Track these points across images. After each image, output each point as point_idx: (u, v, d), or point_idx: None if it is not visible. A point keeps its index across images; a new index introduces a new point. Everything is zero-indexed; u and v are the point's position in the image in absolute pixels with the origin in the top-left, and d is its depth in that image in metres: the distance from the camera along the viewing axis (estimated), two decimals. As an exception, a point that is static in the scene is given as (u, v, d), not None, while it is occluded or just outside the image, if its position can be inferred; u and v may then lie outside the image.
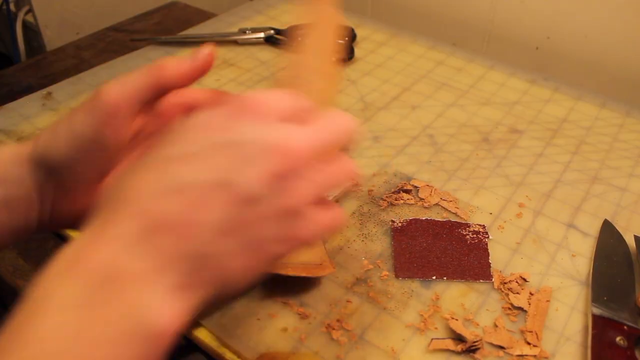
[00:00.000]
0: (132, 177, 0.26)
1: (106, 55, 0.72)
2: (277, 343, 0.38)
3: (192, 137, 0.26)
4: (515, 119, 0.61)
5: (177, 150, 0.26)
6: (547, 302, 0.41)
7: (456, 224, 0.47)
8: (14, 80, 0.68)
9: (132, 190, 0.26)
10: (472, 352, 0.38)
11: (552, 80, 0.67)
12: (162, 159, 0.26)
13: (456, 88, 0.65)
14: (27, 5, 0.90)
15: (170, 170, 0.26)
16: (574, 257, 0.45)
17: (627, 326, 0.39)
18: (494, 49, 0.81)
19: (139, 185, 0.26)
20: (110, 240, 0.24)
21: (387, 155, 0.55)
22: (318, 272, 0.41)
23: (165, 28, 0.80)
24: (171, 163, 0.26)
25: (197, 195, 0.25)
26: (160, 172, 0.26)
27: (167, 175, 0.26)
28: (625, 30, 0.69)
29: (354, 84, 0.65)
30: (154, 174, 0.26)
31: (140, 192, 0.25)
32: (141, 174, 0.26)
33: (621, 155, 0.56)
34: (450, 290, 0.42)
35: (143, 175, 0.26)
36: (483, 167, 0.54)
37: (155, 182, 0.25)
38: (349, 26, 0.73)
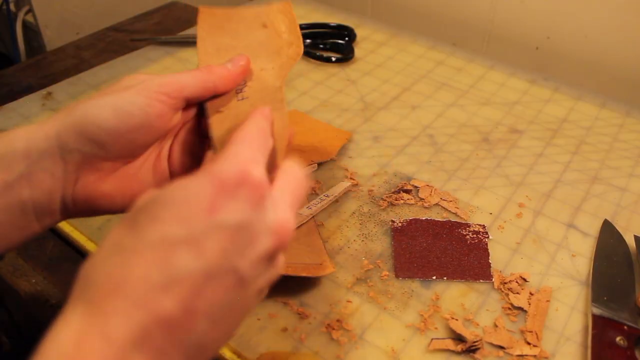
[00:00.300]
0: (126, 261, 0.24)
1: (106, 55, 0.72)
2: (277, 343, 0.38)
3: (191, 215, 0.25)
4: (515, 119, 0.61)
5: (177, 232, 0.25)
6: (547, 302, 0.41)
7: (456, 224, 0.47)
8: (14, 80, 0.68)
9: (127, 279, 0.24)
10: (472, 352, 0.38)
11: (552, 80, 0.67)
12: (160, 243, 0.24)
13: (456, 88, 0.65)
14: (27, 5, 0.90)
15: (171, 259, 0.24)
16: (574, 257, 0.45)
17: (627, 326, 0.39)
18: (494, 49, 0.81)
19: (136, 274, 0.24)
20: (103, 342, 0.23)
21: (387, 155, 0.55)
22: (318, 272, 0.41)
23: (165, 28, 0.80)
24: (171, 249, 0.24)
25: (199, 284, 0.24)
26: (159, 260, 0.24)
27: (168, 265, 0.24)
28: (625, 30, 0.69)
29: (354, 84, 0.65)
30: (152, 262, 0.24)
31: (138, 283, 0.24)
32: (137, 258, 0.24)
33: (621, 155, 0.56)
34: (450, 290, 0.42)
35: (139, 260, 0.24)
36: (483, 167, 0.54)
37: (154, 271, 0.24)
38: (349, 26, 0.73)
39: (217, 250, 0.25)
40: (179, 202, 0.25)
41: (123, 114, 0.32)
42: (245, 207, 0.26)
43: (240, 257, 0.26)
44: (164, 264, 0.24)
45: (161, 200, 0.26)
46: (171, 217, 0.25)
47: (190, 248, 0.24)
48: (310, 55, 0.69)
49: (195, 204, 0.25)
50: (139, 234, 0.25)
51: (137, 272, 0.24)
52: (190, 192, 0.26)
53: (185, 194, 0.25)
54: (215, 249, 0.25)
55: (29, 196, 0.31)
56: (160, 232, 0.25)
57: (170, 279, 0.24)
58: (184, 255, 0.24)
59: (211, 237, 0.25)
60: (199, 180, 0.26)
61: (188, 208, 0.25)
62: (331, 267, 0.42)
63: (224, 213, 0.25)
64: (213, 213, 0.25)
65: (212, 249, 0.25)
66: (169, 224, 0.25)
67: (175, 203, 0.25)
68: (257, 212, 0.26)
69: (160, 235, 0.25)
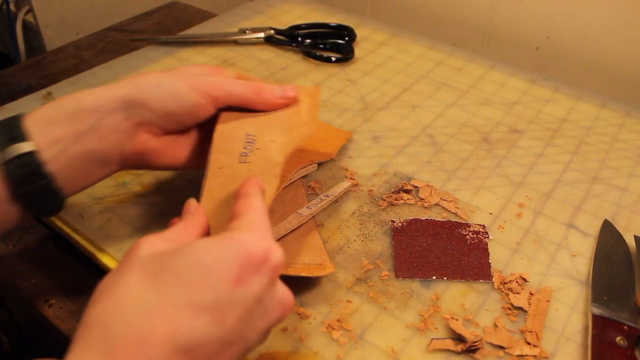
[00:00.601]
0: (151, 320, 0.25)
1: (106, 55, 0.72)
2: (277, 343, 0.38)
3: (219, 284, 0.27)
4: (515, 119, 0.61)
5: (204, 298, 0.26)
6: (547, 302, 0.41)
7: (456, 224, 0.47)
8: (14, 80, 0.68)
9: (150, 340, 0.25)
10: (472, 352, 0.38)
11: (552, 80, 0.67)
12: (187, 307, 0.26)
13: (456, 88, 0.65)
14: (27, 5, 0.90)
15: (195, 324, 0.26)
16: (574, 257, 0.45)
17: (627, 326, 0.39)
18: (494, 49, 0.81)
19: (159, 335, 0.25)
20: None
21: (387, 155, 0.55)
22: (318, 272, 0.41)
23: (165, 28, 0.80)
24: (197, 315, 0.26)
25: (213, 351, 0.26)
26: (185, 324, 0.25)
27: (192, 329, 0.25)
28: (625, 30, 0.69)
29: (354, 84, 0.65)
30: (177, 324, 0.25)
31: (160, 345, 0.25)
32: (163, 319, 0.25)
33: (621, 155, 0.56)
34: (450, 290, 0.42)
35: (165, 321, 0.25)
36: (483, 167, 0.54)
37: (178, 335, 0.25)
38: (349, 26, 0.73)
39: (235, 320, 0.27)
40: (209, 267, 0.27)
41: (177, 100, 0.39)
42: (264, 283, 0.28)
43: (252, 328, 0.28)
44: (189, 328, 0.25)
45: (187, 261, 0.27)
46: (200, 282, 0.26)
47: (215, 316, 0.26)
48: (310, 55, 0.69)
49: (225, 273, 0.27)
50: (166, 294, 0.26)
51: (161, 333, 0.25)
52: (220, 260, 0.27)
53: (215, 261, 0.27)
54: (234, 319, 0.27)
55: (96, 146, 0.37)
56: (188, 296, 0.26)
57: (191, 343, 0.25)
58: (208, 322, 0.26)
59: (233, 307, 0.27)
60: (227, 247, 0.28)
61: (218, 276, 0.27)
62: (331, 267, 0.42)
63: (247, 286, 0.27)
64: (239, 285, 0.27)
65: (232, 319, 0.27)
66: (197, 288, 0.26)
67: (204, 267, 0.27)
68: (271, 288, 0.29)
69: (188, 299, 0.26)
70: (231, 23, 0.77)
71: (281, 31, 0.73)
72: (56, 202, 0.37)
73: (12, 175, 0.34)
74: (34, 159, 0.35)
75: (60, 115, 0.36)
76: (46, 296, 0.43)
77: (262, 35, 0.72)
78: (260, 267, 0.28)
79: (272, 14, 0.79)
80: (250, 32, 0.72)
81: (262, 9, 0.80)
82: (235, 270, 0.27)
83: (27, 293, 0.43)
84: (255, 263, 0.28)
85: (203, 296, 0.26)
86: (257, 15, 0.79)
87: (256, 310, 0.28)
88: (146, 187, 0.49)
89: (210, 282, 0.26)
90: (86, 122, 0.37)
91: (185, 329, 0.25)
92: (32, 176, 0.35)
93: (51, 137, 0.36)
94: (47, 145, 0.35)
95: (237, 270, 0.27)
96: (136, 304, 0.26)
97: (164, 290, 0.26)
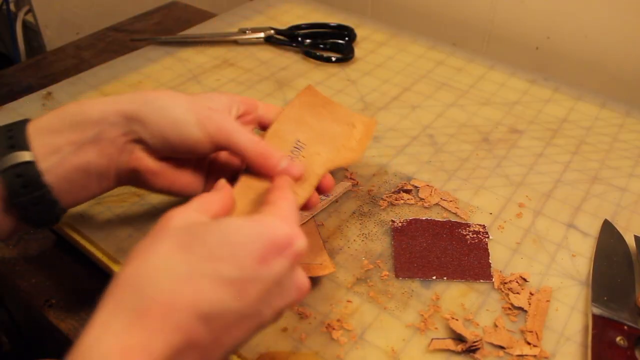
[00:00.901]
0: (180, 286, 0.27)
1: (106, 55, 0.72)
2: (277, 343, 0.38)
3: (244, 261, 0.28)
4: (515, 119, 0.61)
5: (230, 272, 0.28)
6: (547, 302, 0.41)
7: (456, 224, 0.47)
8: (14, 80, 0.68)
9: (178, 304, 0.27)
10: (472, 352, 0.38)
11: (552, 80, 0.67)
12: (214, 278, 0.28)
13: (456, 88, 0.65)
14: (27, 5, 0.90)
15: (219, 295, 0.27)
16: (574, 257, 0.45)
17: (627, 326, 0.39)
18: (494, 49, 0.81)
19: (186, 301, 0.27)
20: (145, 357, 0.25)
21: (387, 155, 0.55)
22: (318, 272, 0.41)
23: (165, 28, 0.80)
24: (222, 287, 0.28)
25: (231, 322, 0.28)
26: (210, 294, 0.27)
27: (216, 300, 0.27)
28: (625, 30, 0.69)
29: (354, 84, 0.65)
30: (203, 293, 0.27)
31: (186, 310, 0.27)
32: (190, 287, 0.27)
33: (621, 155, 0.56)
34: (450, 290, 0.42)
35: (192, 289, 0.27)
36: (483, 167, 0.54)
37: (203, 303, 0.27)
38: (349, 26, 0.73)
39: (255, 296, 0.28)
40: (237, 245, 0.29)
41: (177, 130, 0.38)
42: (285, 266, 0.30)
43: (268, 306, 0.30)
44: (212, 298, 0.27)
45: (219, 237, 0.29)
46: (228, 257, 0.28)
47: (237, 290, 0.28)
48: (310, 55, 0.69)
49: (250, 252, 0.29)
50: (196, 264, 0.28)
51: (188, 299, 0.27)
52: (248, 239, 0.29)
53: (243, 239, 0.29)
54: (253, 295, 0.28)
55: (94, 158, 0.37)
56: (215, 269, 0.28)
57: (212, 311, 0.27)
58: (230, 295, 0.28)
59: (255, 284, 0.28)
60: (256, 228, 0.29)
61: (244, 254, 0.28)
62: (331, 267, 0.42)
63: (270, 267, 0.29)
64: (262, 264, 0.29)
65: (252, 295, 0.28)
66: (225, 263, 0.28)
67: (233, 244, 0.29)
68: (291, 272, 0.31)
69: (215, 272, 0.28)
70: (231, 23, 0.77)
71: (281, 31, 0.73)
72: (53, 213, 0.37)
73: (8, 184, 0.34)
74: (31, 169, 0.35)
75: (63, 125, 0.36)
76: (46, 296, 0.43)
77: (262, 35, 0.72)
78: (283, 250, 0.29)
79: (272, 14, 0.79)
80: (250, 32, 0.72)
81: (262, 9, 0.80)
82: (261, 250, 0.29)
83: (27, 293, 0.43)
84: (279, 246, 0.29)
85: (229, 271, 0.28)
86: (257, 15, 0.79)
87: (274, 290, 0.30)
88: (146, 187, 0.49)
89: (236, 258, 0.28)
90: (87, 133, 0.36)
91: (208, 298, 0.27)
92: (28, 186, 0.35)
93: (51, 146, 0.36)
94: (46, 154, 0.35)
95: (262, 250, 0.29)
96: (167, 271, 0.27)
97: (193, 261, 0.28)
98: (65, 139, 0.36)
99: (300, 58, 0.70)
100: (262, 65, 0.68)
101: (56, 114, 0.37)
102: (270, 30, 0.73)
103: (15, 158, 0.34)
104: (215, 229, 0.29)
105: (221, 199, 0.34)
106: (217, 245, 0.28)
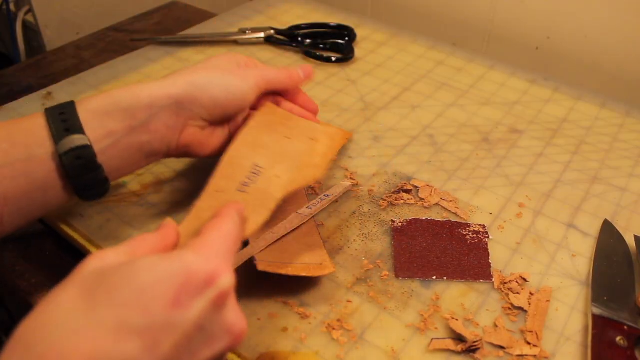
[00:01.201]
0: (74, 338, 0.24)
1: (106, 55, 0.72)
2: (277, 343, 0.38)
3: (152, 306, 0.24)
4: (515, 119, 0.61)
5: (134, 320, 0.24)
6: (547, 302, 0.41)
7: (456, 224, 0.47)
8: (14, 80, 0.68)
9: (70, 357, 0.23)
10: (472, 352, 0.38)
11: (552, 80, 0.67)
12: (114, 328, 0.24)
13: (456, 88, 0.65)
14: (27, 5, 0.90)
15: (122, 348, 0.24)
16: (574, 257, 0.45)
17: (627, 326, 0.39)
18: (494, 49, 0.81)
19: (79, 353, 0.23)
20: None
21: (387, 155, 0.55)
22: (318, 272, 0.41)
23: (165, 28, 0.80)
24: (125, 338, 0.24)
25: None
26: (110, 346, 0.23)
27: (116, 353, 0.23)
28: (625, 30, 0.69)
29: (354, 84, 0.65)
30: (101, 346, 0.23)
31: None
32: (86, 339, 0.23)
33: (621, 155, 0.56)
34: (450, 290, 0.42)
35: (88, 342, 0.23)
36: (483, 167, 0.54)
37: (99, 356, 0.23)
38: (349, 26, 0.73)
39: (170, 347, 0.24)
40: (144, 287, 0.25)
41: (230, 93, 0.42)
42: (206, 308, 0.26)
43: (192, 357, 0.26)
44: (111, 351, 0.23)
45: (125, 279, 0.25)
46: (132, 303, 0.24)
47: (144, 340, 0.24)
48: (310, 55, 0.69)
49: (159, 294, 0.25)
50: (95, 311, 0.24)
51: (82, 353, 0.23)
52: (157, 279, 0.25)
53: (151, 280, 0.25)
54: (168, 346, 0.24)
55: (146, 140, 0.39)
56: (117, 316, 0.24)
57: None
58: (135, 347, 0.24)
59: (168, 333, 0.24)
60: (168, 266, 0.26)
61: (151, 296, 0.25)
62: (331, 267, 0.42)
63: (186, 310, 0.25)
64: (175, 308, 0.25)
65: (166, 345, 0.24)
66: (129, 310, 0.24)
67: (139, 287, 0.25)
68: (217, 314, 0.27)
69: (117, 320, 0.24)
70: (231, 23, 0.77)
71: (281, 31, 0.73)
72: (103, 188, 0.40)
73: (67, 166, 0.36)
74: (88, 152, 0.37)
75: (114, 109, 0.38)
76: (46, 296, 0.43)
77: (262, 35, 0.72)
78: (202, 290, 0.26)
79: (272, 14, 0.79)
80: (250, 32, 0.72)
81: (262, 9, 0.80)
82: (173, 292, 0.25)
83: (27, 293, 0.43)
84: (196, 285, 0.26)
85: (134, 318, 0.24)
86: (257, 15, 0.79)
87: (197, 337, 0.26)
88: (146, 187, 0.49)
89: (143, 303, 0.24)
90: (139, 118, 0.39)
91: (109, 350, 0.23)
92: (85, 168, 0.37)
93: (105, 130, 0.38)
94: (101, 137, 0.38)
95: (174, 292, 0.25)
96: (63, 323, 0.24)
97: (94, 309, 0.24)
98: (118, 122, 0.38)
99: (300, 58, 0.70)
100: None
101: (107, 97, 0.39)
102: (270, 30, 0.73)
103: (73, 141, 0.36)
104: (124, 271, 0.26)
105: (157, 236, 0.31)
106: (122, 289, 0.25)
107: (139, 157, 0.40)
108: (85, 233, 0.45)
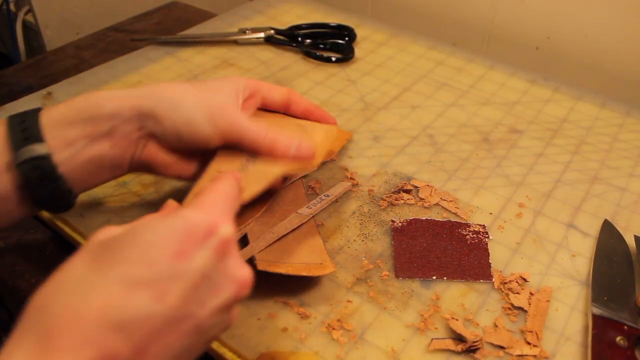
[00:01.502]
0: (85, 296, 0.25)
1: (106, 55, 0.72)
2: (277, 343, 0.38)
3: (157, 258, 0.26)
4: (515, 119, 0.61)
5: (141, 273, 0.25)
6: (547, 302, 0.41)
7: (456, 224, 0.47)
8: (14, 80, 0.68)
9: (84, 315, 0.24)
10: (472, 352, 0.38)
11: (552, 80, 0.67)
12: (122, 282, 0.25)
13: (456, 88, 0.65)
14: (27, 5, 0.90)
15: (131, 299, 0.25)
16: (574, 257, 0.45)
17: (627, 326, 0.39)
18: (494, 49, 0.81)
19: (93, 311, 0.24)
20: None
21: (387, 155, 0.55)
22: (318, 272, 0.41)
23: (165, 28, 0.80)
24: (132, 290, 0.25)
25: (155, 328, 0.25)
26: (119, 299, 0.24)
27: (126, 305, 0.24)
28: (625, 30, 0.69)
29: (354, 84, 0.65)
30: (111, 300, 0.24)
31: (93, 320, 0.24)
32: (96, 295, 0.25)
33: (621, 155, 0.56)
34: (450, 290, 0.42)
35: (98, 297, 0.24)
36: (483, 167, 0.54)
37: (112, 310, 0.24)
38: (349, 26, 0.73)
39: (178, 296, 0.25)
40: (147, 243, 0.26)
41: (190, 128, 0.38)
42: (210, 257, 0.27)
43: (201, 306, 0.27)
44: (122, 304, 0.24)
45: (129, 240, 0.26)
46: (137, 258, 0.25)
47: (152, 291, 0.25)
48: (310, 55, 0.69)
49: (163, 248, 0.26)
50: (104, 272, 0.25)
51: (95, 308, 0.24)
52: (159, 235, 0.26)
53: (154, 237, 0.26)
54: (176, 295, 0.25)
55: (107, 151, 0.38)
56: (124, 272, 0.25)
57: (128, 319, 0.24)
58: (144, 298, 0.25)
59: (175, 282, 0.25)
60: (169, 223, 0.27)
61: (155, 250, 0.26)
62: (331, 267, 0.42)
63: (190, 260, 0.26)
64: (180, 259, 0.26)
65: (174, 294, 0.25)
66: (133, 264, 0.25)
67: (143, 244, 0.26)
68: (221, 263, 0.28)
69: (124, 275, 0.25)
70: (231, 23, 0.77)
71: (281, 31, 0.73)
72: (67, 200, 0.38)
73: (25, 176, 0.35)
74: (46, 163, 0.35)
75: (76, 118, 0.36)
76: (46, 296, 0.43)
77: (262, 35, 0.72)
78: (204, 240, 0.27)
79: (272, 14, 0.79)
80: (250, 32, 0.72)
81: (262, 9, 0.80)
82: (176, 245, 0.26)
83: (27, 293, 0.43)
84: (198, 236, 0.27)
85: (140, 272, 0.25)
86: (257, 15, 0.79)
87: (203, 286, 0.27)
88: (146, 187, 0.49)
89: (148, 258, 0.25)
90: (101, 127, 0.37)
91: (119, 305, 0.24)
92: (44, 179, 0.35)
93: (65, 139, 0.36)
94: (61, 147, 0.36)
95: (177, 244, 0.26)
96: (75, 285, 0.25)
97: (103, 270, 0.25)
98: (80, 132, 0.36)
99: (300, 58, 0.70)
100: (262, 65, 0.68)
101: (69, 105, 0.37)
102: (270, 30, 0.73)
103: (31, 151, 0.35)
104: (129, 232, 0.27)
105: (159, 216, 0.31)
106: (128, 248, 0.26)
107: (101, 170, 0.38)
108: (86, 233, 0.45)
